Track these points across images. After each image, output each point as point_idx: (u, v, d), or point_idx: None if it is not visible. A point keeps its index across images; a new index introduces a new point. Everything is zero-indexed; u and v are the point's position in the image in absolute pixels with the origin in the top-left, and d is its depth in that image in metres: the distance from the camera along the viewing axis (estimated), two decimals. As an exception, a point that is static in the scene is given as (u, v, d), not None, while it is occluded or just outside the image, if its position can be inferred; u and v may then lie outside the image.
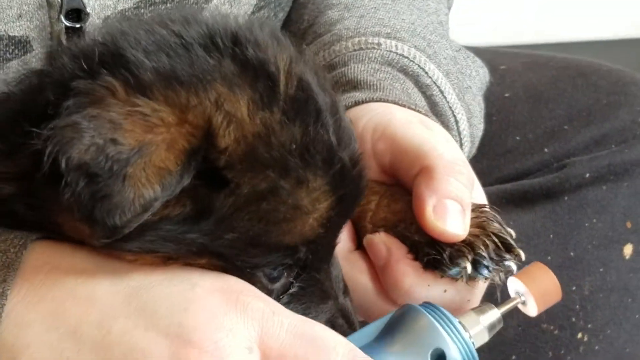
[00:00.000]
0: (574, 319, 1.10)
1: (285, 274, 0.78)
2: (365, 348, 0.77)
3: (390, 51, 0.98)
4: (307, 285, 0.79)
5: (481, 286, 0.85)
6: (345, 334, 0.79)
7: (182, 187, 0.71)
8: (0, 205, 0.76)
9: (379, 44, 0.99)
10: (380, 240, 0.84)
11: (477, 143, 1.05)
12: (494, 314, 0.81)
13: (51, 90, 0.73)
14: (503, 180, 1.16)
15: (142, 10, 0.94)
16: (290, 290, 0.78)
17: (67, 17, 0.91)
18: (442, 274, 0.82)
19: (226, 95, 0.72)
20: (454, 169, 0.83)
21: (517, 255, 0.83)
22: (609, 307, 1.11)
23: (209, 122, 0.71)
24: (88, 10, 0.91)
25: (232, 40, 0.75)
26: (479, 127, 1.04)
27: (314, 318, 0.77)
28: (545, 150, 1.17)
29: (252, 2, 1.05)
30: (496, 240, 0.83)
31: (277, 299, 0.77)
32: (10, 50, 0.91)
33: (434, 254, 0.82)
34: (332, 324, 0.79)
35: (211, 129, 0.71)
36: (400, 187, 0.86)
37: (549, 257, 1.10)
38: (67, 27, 0.91)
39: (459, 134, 0.99)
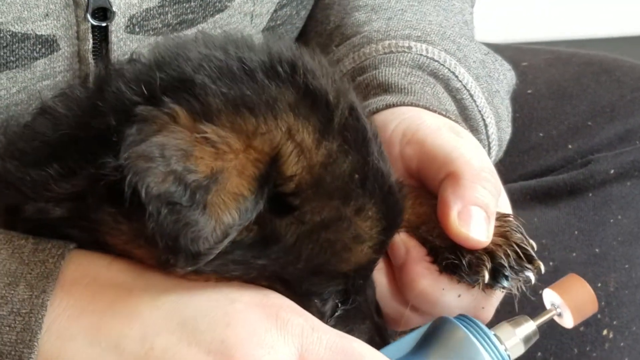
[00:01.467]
0: (599, 316, 1.09)
1: (333, 297, 0.79)
2: None
3: (421, 55, 0.98)
4: (350, 307, 0.80)
5: (498, 295, 0.85)
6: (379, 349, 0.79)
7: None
8: (47, 226, 0.76)
9: (409, 48, 0.98)
10: (400, 240, 0.84)
11: (504, 146, 1.04)
12: (530, 326, 0.81)
13: (112, 115, 0.73)
14: (527, 177, 1.16)
15: (167, 9, 0.95)
16: (337, 314, 0.79)
17: (93, 16, 0.91)
18: (459, 279, 0.82)
19: (295, 124, 0.73)
20: (481, 176, 0.83)
21: (537, 268, 0.83)
22: (634, 303, 1.10)
23: (277, 149, 0.72)
24: (114, 9, 0.91)
25: (292, 69, 0.75)
26: (507, 131, 1.04)
27: (358, 338, 0.77)
28: (569, 146, 1.16)
29: (275, 0, 1.05)
30: (518, 250, 0.83)
31: (327, 322, 0.78)
32: (37, 49, 0.91)
33: (452, 259, 0.82)
34: (369, 343, 0.78)
35: (278, 157, 0.72)
36: (425, 191, 0.86)
37: (574, 254, 1.10)
38: (93, 26, 0.92)
39: (488, 137, 0.99)
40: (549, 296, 0.83)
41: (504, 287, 0.82)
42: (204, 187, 0.69)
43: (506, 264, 0.82)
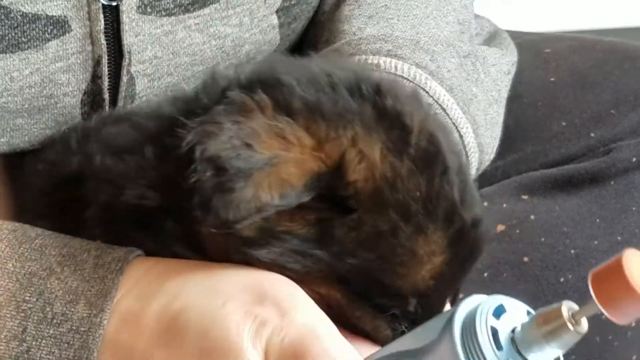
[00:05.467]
0: (621, 304, 1.09)
1: (395, 323, 0.79)
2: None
3: (389, 72, 0.98)
4: None
5: None
6: None
7: (305, 204, 0.74)
8: (145, 219, 0.79)
9: (378, 65, 0.99)
10: None
11: (491, 151, 1.05)
12: None
13: (206, 97, 0.78)
14: (549, 166, 1.15)
15: None
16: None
17: None
18: None
19: (362, 135, 0.76)
20: None
21: None
22: (657, 291, 1.10)
23: (343, 155, 0.75)
24: None
25: (375, 90, 0.79)
26: (488, 134, 1.04)
27: None
28: (592, 135, 1.16)
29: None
30: None
31: None
32: (49, 30, 0.91)
33: None
34: None
35: (343, 162, 0.75)
36: None
37: (596, 242, 1.10)
38: (104, 6, 0.91)
39: (464, 146, 1.00)
40: None
41: None
42: (254, 162, 0.72)
43: None
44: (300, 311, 0.73)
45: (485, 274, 0.83)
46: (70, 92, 0.94)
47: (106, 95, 0.94)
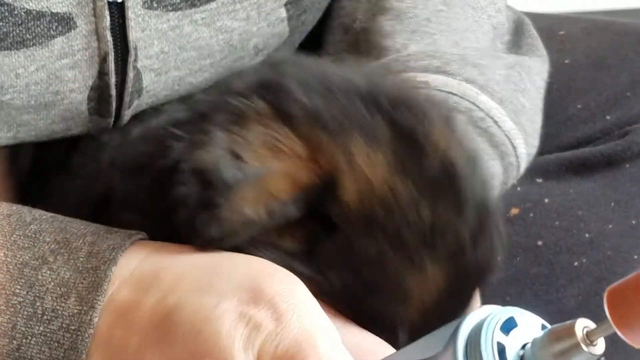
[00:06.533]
0: (634, 289, 1.09)
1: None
2: None
3: (439, 90, 0.95)
4: None
5: None
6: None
7: (295, 221, 0.71)
8: None
9: (427, 83, 0.95)
10: None
11: (531, 157, 1.03)
12: None
13: (204, 104, 0.76)
14: (563, 148, 1.15)
15: None
16: None
17: None
18: None
19: (363, 152, 0.72)
20: None
21: None
22: (671, 276, 1.09)
23: (337, 171, 0.71)
24: None
25: (392, 102, 0.74)
26: (534, 144, 1.02)
27: None
28: (607, 117, 1.15)
29: None
30: None
31: None
32: (54, 27, 0.89)
33: None
34: None
35: (337, 179, 0.71)
36: None
37: (610, 226, 1.09)
38: (109, 3, 0.89)
39: (517, 157, 0.98)
40: None
41: None
42: (241, 176, 0.69)
43: None
44: (297, 314, 0.68)
45: (498, 258, 0.81)
46: (77, 88, 0.93)
47: (113, 91, 0.93)
